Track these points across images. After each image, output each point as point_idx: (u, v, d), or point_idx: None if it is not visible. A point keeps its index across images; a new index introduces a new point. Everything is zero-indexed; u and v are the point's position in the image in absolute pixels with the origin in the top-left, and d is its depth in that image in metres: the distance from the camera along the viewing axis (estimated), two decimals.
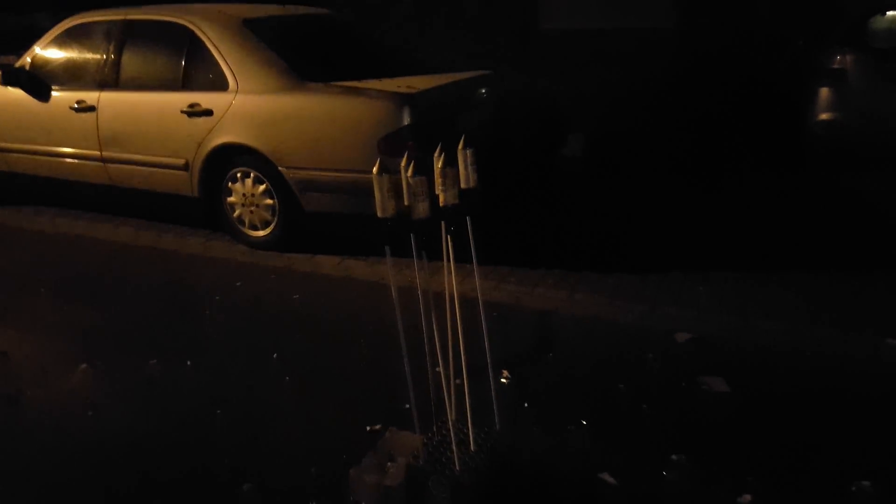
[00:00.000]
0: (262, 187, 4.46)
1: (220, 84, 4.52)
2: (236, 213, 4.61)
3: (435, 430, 2.30)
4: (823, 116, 5.82)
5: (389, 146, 3.99)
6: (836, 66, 5.78)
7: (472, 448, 2.23)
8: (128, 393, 3.00)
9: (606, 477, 2.33)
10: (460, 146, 2.16)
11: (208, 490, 2.37)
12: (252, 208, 4.54)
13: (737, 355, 3.11)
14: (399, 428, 2.44)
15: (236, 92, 4.46)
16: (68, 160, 5.12)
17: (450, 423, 2.27)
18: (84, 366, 3.20)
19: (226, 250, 4.67)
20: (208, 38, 4.58)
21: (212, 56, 4.55)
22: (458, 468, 2.14)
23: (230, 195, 4.59)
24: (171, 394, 2.98)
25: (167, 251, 4.80)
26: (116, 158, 4.94)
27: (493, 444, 2.27)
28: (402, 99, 4.09)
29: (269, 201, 4.45)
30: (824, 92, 5.83)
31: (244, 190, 4.51)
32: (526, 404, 2.77)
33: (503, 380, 2.93)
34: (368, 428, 2.62)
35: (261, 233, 4.59)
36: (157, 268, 4.52)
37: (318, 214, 4.36)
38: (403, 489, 2.20)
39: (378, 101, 4.15)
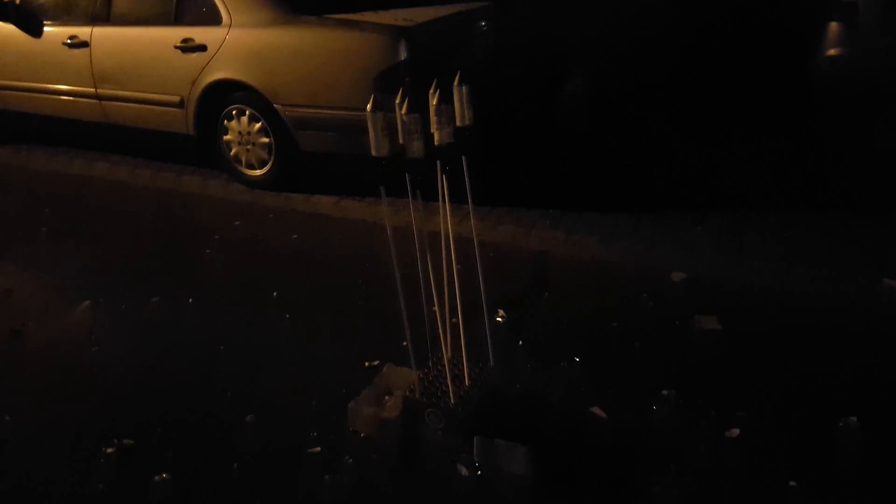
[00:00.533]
0: (257, 125, 4.41)
1: (213, 18, 4.42)
2: (233, 152, 4.58)
3: (430, 365, 2.35)
4: (831, 52, 5.72)
5: (385, 82, 3.93)
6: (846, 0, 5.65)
7: (466, 383, 2.28)
8: (131, 329, 3.05)
9: (597, 410, 2.39)
10: (456, 82, 2.14)
11: (211, 421, 2.44)
12: (248, 147, 4.50)
13: (731, 295, 3.13)
14: (396, 364, 2.50)
15: (230, 26, 4.37)
16: (63, 97, 5.06)
17: (445, 359, 2.31)
18: (87, 303, 3.24)
19: (223, 189, 4.66)
20: None
21: None
22: (452, 401, 2.20)
23: (226, 133, 4.56)
24: (174, 330, 3.03)
25: (165, 189, 4.80)
26: (111, 96, 4.89)
27: (487, 380, 2.32)
28: (399, 32, 4.02)
29: (266, 140, 4.42)
30: (833, 27, 5.72)
31: (240, 128, 4.47)
32: (520, 342, 2.82)
33: (498, 319, 2.97)
34: (367, 363, 2.68)
35: (258, 172, 4.56)
36: (156, 207, 4.52)
37: (315, 154, 4.34)
38: (400, 420, 2.26)
39: (374, 35, 4.07)
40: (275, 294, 3.26)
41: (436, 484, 2.14)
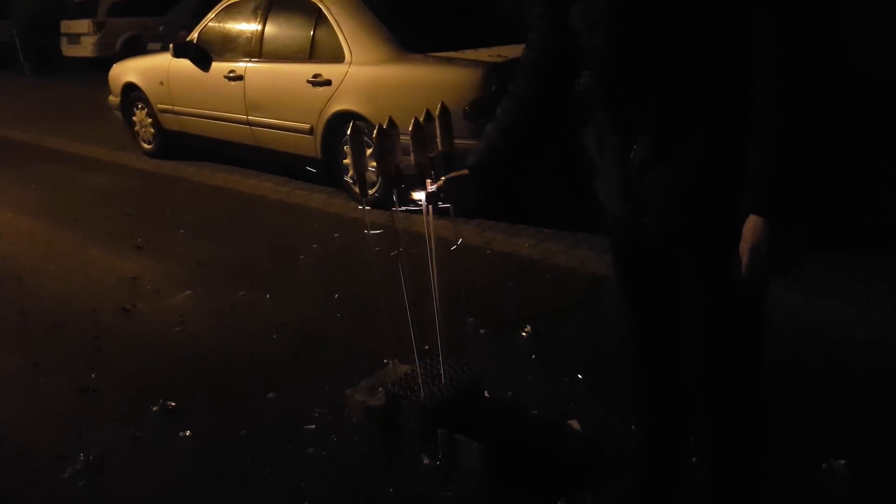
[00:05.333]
0: (369, 151, 4.88)
1: (338, 56, 5.00)
2: (350, 174, 5.09)
3: (419, 363, 2.56)
4: None
5: (475, 111, 4.23)
6: None
7: (442, 381, 2.46)
8: (213, 314, 3.57)
9: (574, 423, 2.45)
10: (438, 111, 2.36)
11: (242, 393, 2.83)
12: None
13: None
14: (401, 361, 2.73)
15: (350, 63, 4.91)
16: (223, 123, 5.93)
17: (437, 358, 2.51)
18: (188, 292, 3.83)
19: (342, 206, 5.18)
20: (330, 13, 5.08)
21: (332, 29, 5.04)
22: (423, 395, 2.39)
23: (345, 157, 5.08)
24: (246, 317, 3.50)
25: (295, 204, 5.42)
26: (259, 122, 5.65)
27: (462, 378, 2.49)
28: (489, 68, 4.30)
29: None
30: None
31: None
32: (533, 356, 2.94)
33: (524, 333, 3.11)
34: (386, 360, 2.94)
35: (370, 192, 5.03)
36: (280, 218, 5.14)
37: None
38: (383, 409, 2.49)
39: (467, 70, 4.39)
40: (336, 296, 3.63)
41: (400, 468, 2.34)
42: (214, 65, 5.87)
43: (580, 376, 2.77)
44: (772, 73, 1.32)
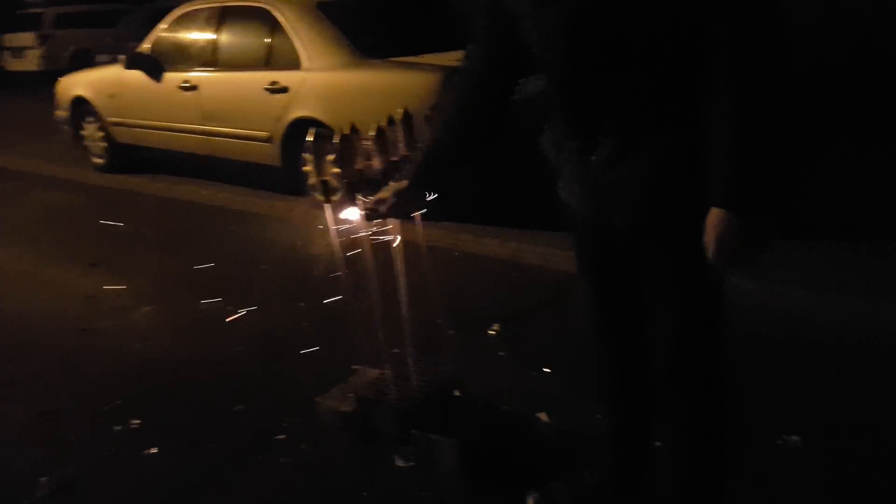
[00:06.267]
0: (331, 157, 4.85)
1: (294, 62, 4.97)
2: (311, 181, 5.05)
3: (389, 367, 2.56)
4: None
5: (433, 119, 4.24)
6: None
7: (413, 382, 2.47)
8: (176, 329, 3.51)
9: (542, 416, 2.48)
10: (401, 115, 2.38)
11: (208, 406, 2.79)
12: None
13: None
14: (371, 366, 2.72)
15: (307, 69, 4.89)
16: (178, 134, 5.84)
17: (407, 360, 2.52)
18: (150, 307, 3.77)
19: (303, 214, 5.14)
20: (285, 20, 5.05)
21: (287, 36, 5.02)
22: (395, 398, 2.40)
23: (305, 164, 5.05)
24: (210, 330, 3.45)
25: (254, 213, 5.38)
26: (216, 132, 5.58)
27: (432, 379, 2.50)
28: (449, 72, 4.31)
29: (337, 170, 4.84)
30: None
31: None
32: (502, 353, 2.98)
33: (492, 332, 3.14)
34: (354, 367, 2.92)
35: (332, 198, 4.99)
36: (241, 228, 5.08)
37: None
38: (355, 414, 2.49)
39: (426, 74, 4.40)
40: (302, 304, 3.61)
41: (376, 471, 2.34)
42: (168, 75, 5.78)
43: (547, 370, 2.81)
44: (729, 72, 1.39)
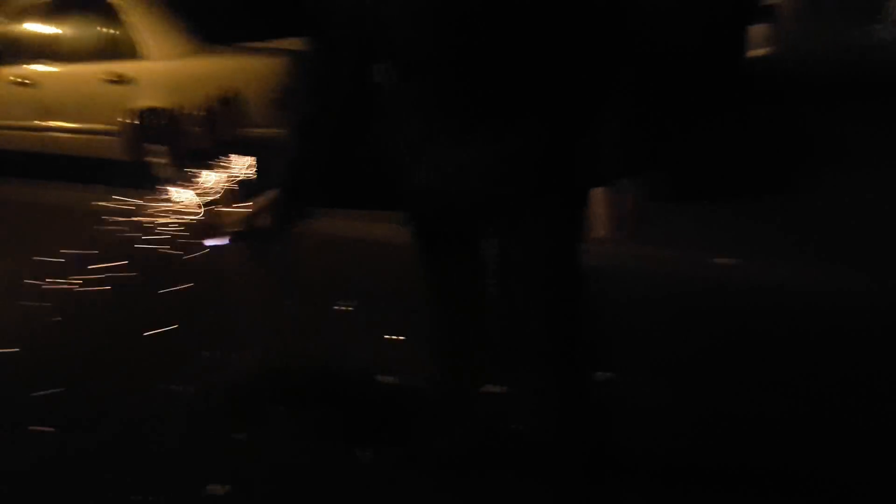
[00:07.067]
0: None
1: (136, 53, 4.81)
2: (159, 173, 4.91)
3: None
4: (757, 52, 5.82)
5: (283, 104, 4.22)
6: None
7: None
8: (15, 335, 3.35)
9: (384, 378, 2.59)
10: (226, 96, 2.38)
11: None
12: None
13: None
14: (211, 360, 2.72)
15: (150, 59, 4.74)
16: (15, 132, 5.51)
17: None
18: None
19: (152, 208, 4.97)
20: (123, 10, 4.87)
21: (127, 26, 4.84)
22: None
23: (153, 156, 4.90)
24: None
25: (105, 209, 5.12)
26: (57, 128, 5.31)
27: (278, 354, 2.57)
28: (297, 56, 4.29)
29: None
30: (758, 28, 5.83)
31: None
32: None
33: (342, 308, 3.22)
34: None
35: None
36: (87, 227, 4.83)
37: None
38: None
39: (274, 59, 4.37)
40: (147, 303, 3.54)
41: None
42: (2, 70, 5.44)
43: (388, 337, 2.90)
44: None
